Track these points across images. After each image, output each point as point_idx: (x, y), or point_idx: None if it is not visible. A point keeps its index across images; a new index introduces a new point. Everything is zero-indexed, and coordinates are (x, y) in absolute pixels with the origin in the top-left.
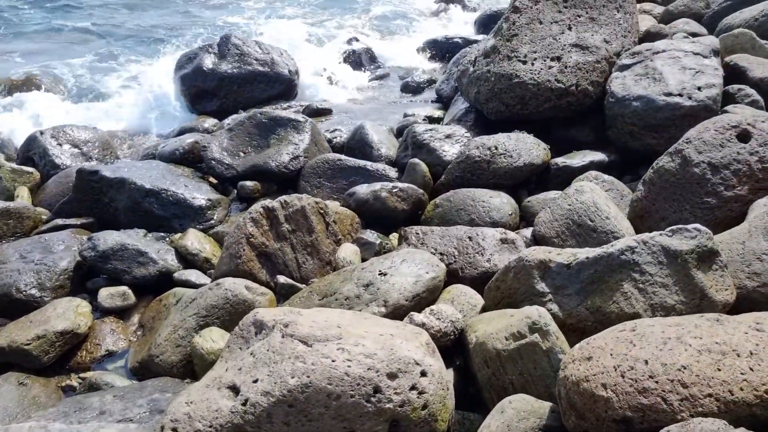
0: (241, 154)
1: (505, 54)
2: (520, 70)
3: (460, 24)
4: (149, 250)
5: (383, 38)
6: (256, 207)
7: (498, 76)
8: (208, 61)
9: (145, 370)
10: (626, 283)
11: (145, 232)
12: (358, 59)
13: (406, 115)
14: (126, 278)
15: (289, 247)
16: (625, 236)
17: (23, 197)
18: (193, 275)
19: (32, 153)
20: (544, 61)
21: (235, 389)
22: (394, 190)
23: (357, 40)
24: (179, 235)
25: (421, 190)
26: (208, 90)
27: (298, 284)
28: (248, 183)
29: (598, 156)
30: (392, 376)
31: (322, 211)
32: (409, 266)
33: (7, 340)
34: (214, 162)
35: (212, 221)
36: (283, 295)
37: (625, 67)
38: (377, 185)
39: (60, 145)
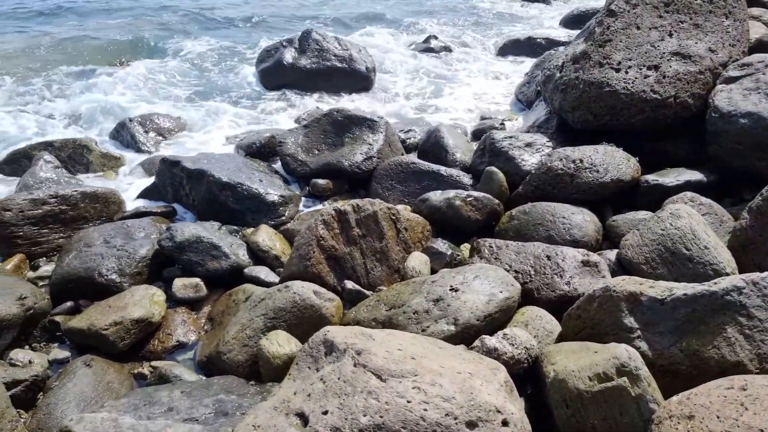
0: (316, 151)
1: (596, 60)
2: (613, 78)
3: (543, 21)
4: (222, 244)
5: (464, 36)
6: (328, 209)
7: (587, 83)
8: (289, 56)
9: (212, 366)
10: (730, 327)
11: (219, 225)
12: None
13: (483, 118)
14: (199, 270)
15: (358, 252)
16: (725, 269)
17: (110, 180)
18: (263, 272)
19: (121, 138)
20: (640, 69)
21: (303, 418)
22: (468, 199)
23: (436, 38)
24: (251, 230)
25: (497, 201)
26: (287, 84)
27: (365, 291)
28: (320, 181)
29: (695, 175)
30: (471, 425)
31: (393, 217)
32: (482, 283)
33: (87, 322)
34: (288, 158)
35: (283, 217)
36: (349, 300)
37: (732, 80)
38: (451, 193)
39: (146, 132)
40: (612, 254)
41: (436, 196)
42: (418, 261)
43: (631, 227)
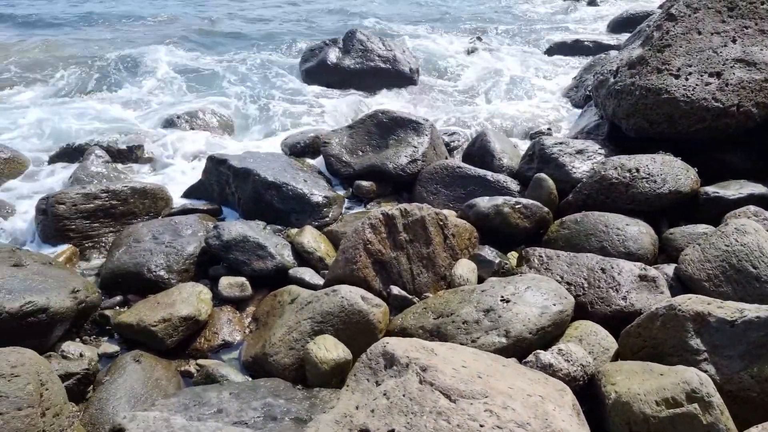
0: (360, 152)
1: (654, 66)
2: (672, 85)
3: (590, 23)
4: (268, 244)
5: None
6: (376, 213)
7: (644, 90)
8: (333, 56)
9: (257, 367)
10: None
11: (264, 224)
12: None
13: (530, 123)
14: (245, 269)
15: (404, 257)
16: None
17: (158, 175)
18: (308, 274)
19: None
20: (701, 76)
21: None
22: (517, 206)
23: (480, 39)
24: (296, 230)
25: (546, 209)
26: (331, 83)
27: (411, 297)
28: (364, 183)
29: (759, 188)
30: None
31: (441, 223)
32: (535, 295)
33: (136, 318)
34: (332, 159)
35: (327, 219)
36: (395, 306)
37: None
38: (499, 199)
39: (193, 128)
40: (669, 269)
41: (483, 203)
42: (465, 268)
43: (690, 241)
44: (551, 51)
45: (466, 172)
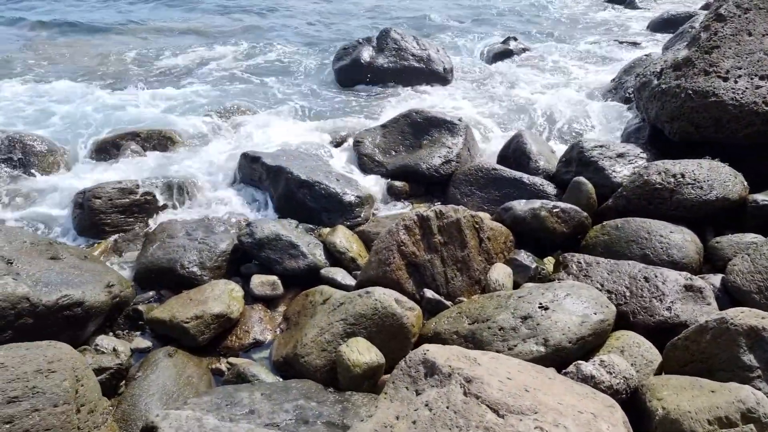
0: (393, 152)
1: (701, 68)
2: (720, 87)
3: (628, 25)
4: (300, 243)
5: (544, 38)
6: (410, 215)
7: (690, 92)
8: (366, 54)
9: (288, 367)
10: None
11: (296, 223)
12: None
13: (566, 126)
14: (277, 268)
15: (439, 260)
16: None
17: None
18: (339, 274)
19: (206, 130)
20: (751, 79)
21: None
22: (554, 210)
23: (515, 39)
24: (328, 230)
25: (585, 213)
26: (363, 82)
27: (445, 301)
28: (397, 183)
29: None
30: None
31: (477, 226)
32: (575, 303)
33: (169, 314)
34: (365, 158)
35: (359, 219)
36: (428, 310)
37: None
38: (536, 203)
39: (228, 125)
40: (716, 279)
41: (520, 206)
42: (501, 273)
43: (738, 251)
44: (587, 52)
45: (501, 174)
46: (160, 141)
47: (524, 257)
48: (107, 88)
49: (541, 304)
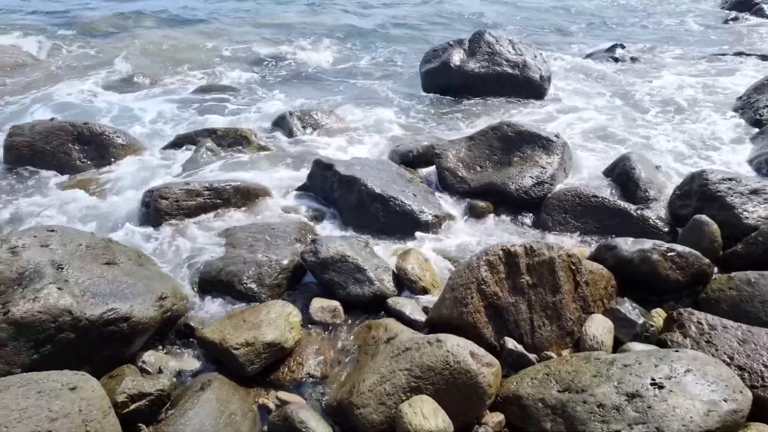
0: (478, 168)
1: None
2: None
3: (755, 34)
4: (367, 267)
5: (657, 47)
6: (495, 249)
7: None
8: (457, 58)
9: (341, 415)
10: None
11: (366, 242)
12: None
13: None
14: (339, 293)
15: (525, 305)
16: None
17: (263, 173)
18: (408, 307)
19: (279, 130)
20: None
21: None
22: (669, 254)
23: (622, 46)
24: (400, 252)
25: (707, 260)
26: (451, 87)
27: (529, 354)
28: (480, 203)
29: None
30: None
31: (573, 267)
32: (698, 383)
33: (219, 335)
34: (446, 172)
35: (435, 241)
36: (509, 363)
37: None
38: (647, 243)
39: (304, 127)
40: None
41: (626, 245)
42: (600, 328)
43: None
44: (706, 64)
45: (603, 203)
46: (235, 139)
47: (629, 309)
48: (189, 84)
49: (653, 380)
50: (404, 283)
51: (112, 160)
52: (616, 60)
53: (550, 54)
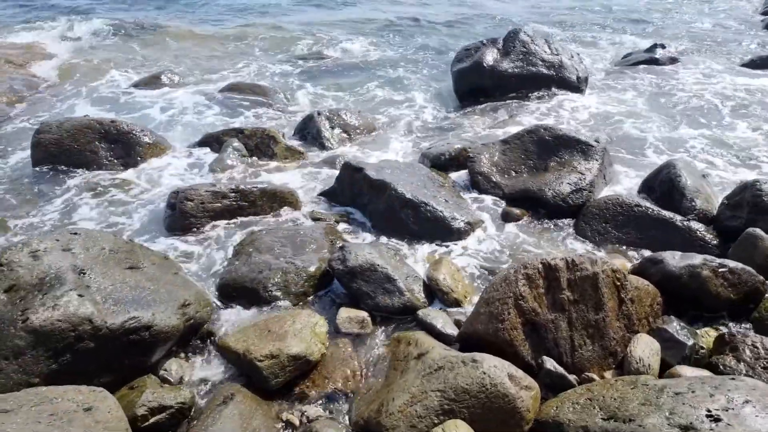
0: (513, 172)
1: None
2: None
3: None
4: (398, 277)
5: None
6: (534, 262)
7: None
8: (490, 57)
9: None
10: None
11: (396, 249)
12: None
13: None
14: (368, 303)
15: (565, 322)
16: None
17: (289, 175)
18: (439, 320)
19: (307, 131)
20: None
21: None
22: (720, 270)
23: (663, 46)
24: (431, 261)
25: (761, 277)
26: (483, 88)
27: (569, 376)
28: (515, 209)
29: None
30: None
31: (618, 284)
32: (758, 415)
33: (243, 345)
34: (480, 177)
35: (468, 248)
36: (546, 384)
37: None
38: (696, 258)
39: (332, 128)
40: None
41: (674, 260)
42: (647, 349)
43: None
44: (753, 65)
45: (646, 213)
46: (263, 139)
47: (677, 329)
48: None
49: (709, 411)
50: (435, 293)
51: (139, 159)
52: (656, 61)
53: (584, 52)
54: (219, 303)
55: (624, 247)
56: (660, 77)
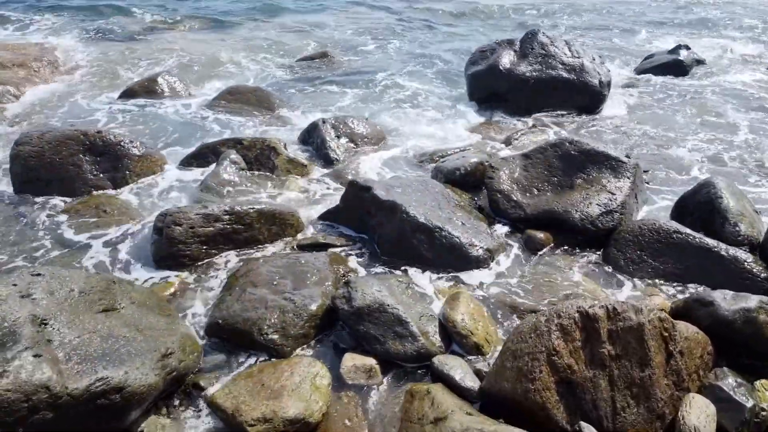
0: (535, 191)
1: None
2: None
3: None
4: (410, 319)
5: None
6: (569, 310)
7: None
8: (506, 60)
9: None
10: None
11: (408, 282)
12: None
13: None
14: (376, 348)
15: (605, 381)
16: None
17: (291, 192)
18: (459, 371)
19: (311, 141)
20: None
21: None
22: None
23: (688, 48)
24: (448, 297)
25: None
26: (499, 93)
27: None
28: (538, 234)
29: None
30: None
31: (666, 334)
32: None
33: (232, 403)
34: (499, 195)
35: (488, 279)
36: None
37: None
38: (752, 299)
39: (338, 137)
40: None
41: (725, 302)
42: (702, 416)
43: None
44: None
45: (687, 240)
46: (262, 151)
47: (732, 386)
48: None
49: None
50: (453, 337)
51: (128, 173)
52: (680, 63)
53: (606, 54)
54: (206, 346)
55: (661, 280)
56: (685, 81)
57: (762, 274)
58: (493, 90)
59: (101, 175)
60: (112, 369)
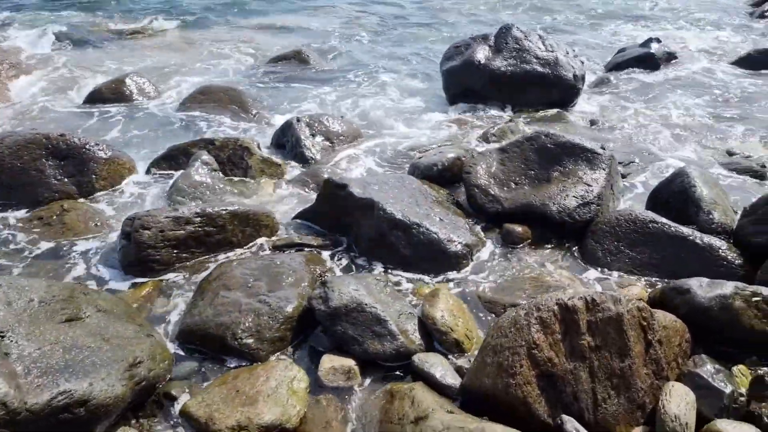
0: (512, 184)
1: None
2: None
3: None
4: (389, 318)
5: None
6: (548, 303)
7: None
8: (481, 55)
9: None
10: None
11: (386, 280)
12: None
13: (730, 154)
14: (355, 349)
15: (585, 372)
16: None
17: (265, 192)
18: (438, 369)
19: (285, 140)
20: None
21: None
22: (755, 300)
23: (658, 41)
24: (426, 294)
25: None
26: (475, 88)
27: None
28: (517, 228)
29: None
30: None
31: (644, 324)
32: None
33: (206, 412)
34: (477, 190)
35: (467, 275)
36: None
37: None
38: (728, 286)
39: (313, 135)
40: None
41: (702, 290)
42: (682, 403)
43: None
44: (748, 61)
45: (663, 230)
46: (235, 151)
47: (711, 373)
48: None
49: None
50: (433, 334)
51: (94, 177)
52: (652, 57)
53: (578, 49)
54: (178, 353)
55: (637, 270)
56: (658, 75)
57: (736, 261)
58: (469, 85)
59: (66, 180)
60: (75, 381)
